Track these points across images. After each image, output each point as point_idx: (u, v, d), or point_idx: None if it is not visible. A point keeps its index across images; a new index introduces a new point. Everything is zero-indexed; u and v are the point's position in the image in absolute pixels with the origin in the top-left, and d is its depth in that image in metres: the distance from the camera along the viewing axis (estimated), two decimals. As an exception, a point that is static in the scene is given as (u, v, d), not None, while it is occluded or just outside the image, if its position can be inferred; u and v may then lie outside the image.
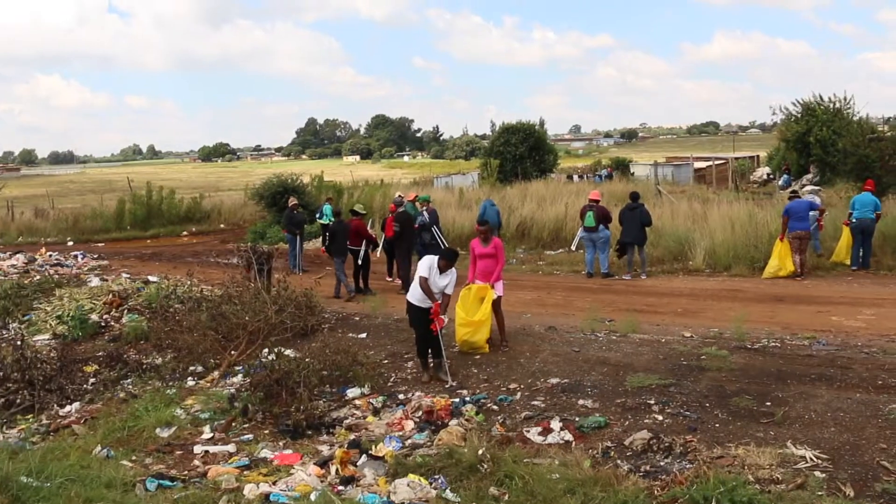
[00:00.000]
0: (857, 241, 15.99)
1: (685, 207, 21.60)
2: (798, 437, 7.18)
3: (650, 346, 10.39)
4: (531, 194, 27.76)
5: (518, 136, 43.44)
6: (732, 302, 13.58)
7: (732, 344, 10.35)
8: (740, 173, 47.46)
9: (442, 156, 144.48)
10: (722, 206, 20.50)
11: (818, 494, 5.99)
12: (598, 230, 16.56)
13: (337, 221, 17.07)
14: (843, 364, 9.26)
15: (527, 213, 23.18)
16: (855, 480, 6.26)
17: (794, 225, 15.47)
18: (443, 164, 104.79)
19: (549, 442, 7.56)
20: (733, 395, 8.38)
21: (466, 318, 10.46)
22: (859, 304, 12.98)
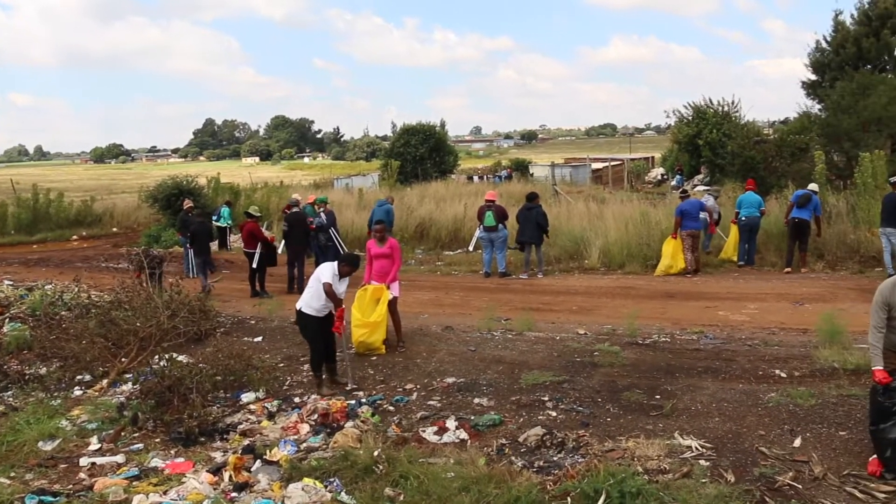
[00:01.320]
0: (744, 239, 16.64)
1: (581, 207, 22.01)
2: (685, 427, 7.41)
3: (545, 344, 10.55)
4: (431, 195, 27.87)
5: (418, 137, 43.54)
6: (626, 299, 13.91)
7: (625, 340, 10.61)
8: (636, 174, 48.66)
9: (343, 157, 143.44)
10: (617, 206, 21.01)
11: (702, 482, 6.17)
12: (497, 229, 16.71)
13: (199, 223, 16.88)
14: (727, 357, 9.62)
15: (426, 214, 23.25)
16: (736, 466, 6.50)
17: (688, 224, 15.98)
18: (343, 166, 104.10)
19: (445, 441, 7.57)
20: (625, 389, 8.59)
21: (363, 319, 10.41)
22: (744, 298, 13.47)
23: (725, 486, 6.08)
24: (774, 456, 6.69)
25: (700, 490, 6.00)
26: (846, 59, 41.19)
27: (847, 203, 18.00)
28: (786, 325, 11.48)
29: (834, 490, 6.06)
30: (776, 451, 6.80)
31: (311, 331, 9.46)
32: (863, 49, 41.02)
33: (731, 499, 5.85)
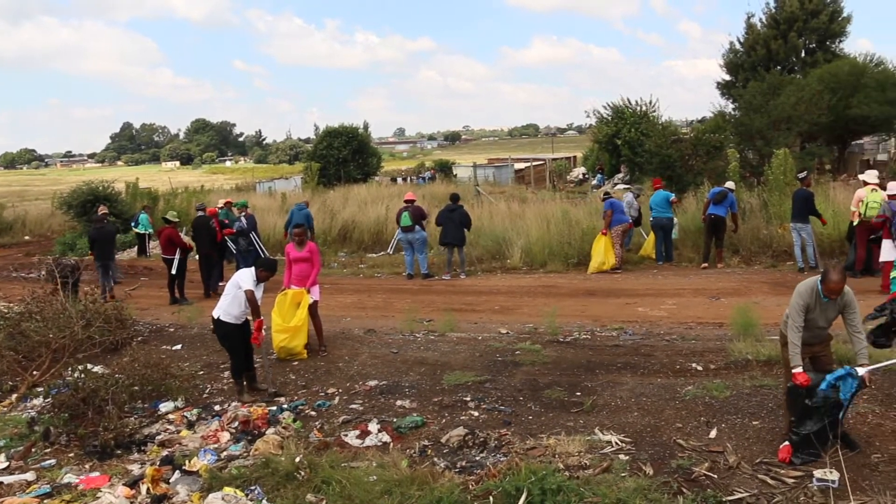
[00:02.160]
0: (659, 238, 16.98)
1: (504, 207, 22.18)
2: (605, 423, 7.52)
3: (467, 345, 10.59)
4: (354, 197, 27.74)
5: (341, 139, 43.30)
6: (547, 297, 14.05)
7: (546, 338, 10.72)
8: (558, 173, 49.24)
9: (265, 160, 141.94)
10: (538, 206, 21.23)
11: (622, 476, 6.28)
12: (414, 230, 16.72)
13: (97, 228, 16.55)
14: (646, 352, 9.79)
15: (349, 217, 23.12)
16: (654, 460, 6.63)
17: (620, 218, 16.28)
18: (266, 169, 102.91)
19: (367, 444, 7.53)
20: (546, 387, 8.67)
21: (283, 324, 10.29)
22: (663, 294, 13.74)
23: (644, 479, 6.19)
24: (691, 447, 6.85)
25: (619, 484, 6.09)
26: (757, 61, 42.50)
27: (760, 199, 18.51)
28: (702, 319, 11.74)
29: (747, 478, 6.23)
30: (693, 442, 6.96)
31: (231, 339, 9.24)
32: (772, 51, 42.40)
33: (649, 491, 5.95)
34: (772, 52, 42.64)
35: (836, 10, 43.55)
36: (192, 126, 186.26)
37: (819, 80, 34.01)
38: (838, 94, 33.60)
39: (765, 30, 43.79)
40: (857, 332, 6.55)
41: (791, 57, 43.32)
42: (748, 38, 44.39)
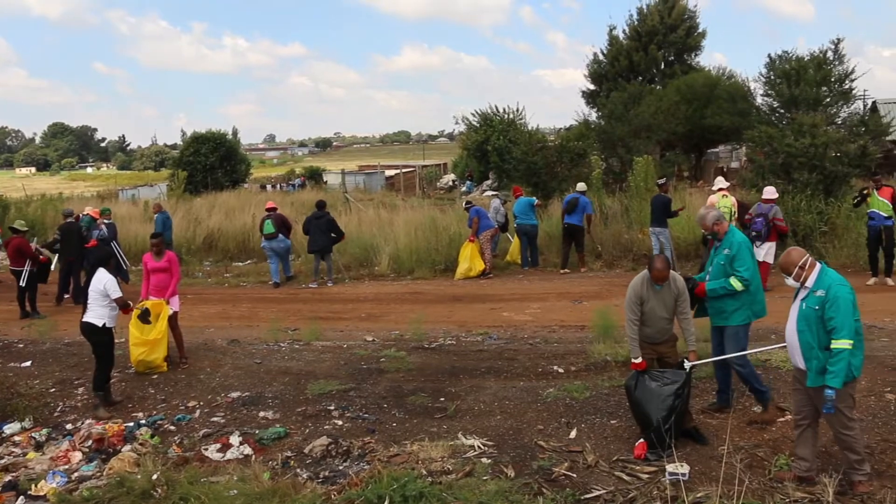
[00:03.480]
0: (524, 243, 17.31)
1: (372, 214, 22.14)
2: (468, 427, 7.60)
3: (332, 353, 10.49)
4: (221, 205, 27.09)
5: (209, 145, 42.30)
6: (414, 304, 14.09)
7: (411, 345, 10.75)
8: (428, 180, 49.53)
9: (129, 167, 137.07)
10: (407, 213, 21.26)
11: (484, 479, 6.36)
12: (277, 238, 16.55)
13: None
14: (509, 356, 9.96)
15: (214, 225, 22.54)
16: (516, 461, 6.75)
17: (486, 223, 16.48)
18: (130, 176, 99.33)
19: (229, 458, 7.35)
20: (410, 393, 8.69)
21: (141, 336, 9.89)
22: (528, 299, 14.01)
23: (506, 481, 6.28)
24: (552, 448, 7.00)
25: (481, 487, 6.16)
26: (620, 71, 43.99)
27: (621, 205, 19.14)
28: (565, 322, 12.03)
29: (605, 475, 6.42)
30: (553, 443, 7.12)
31: (106, 344, 9.00)
32: (634, 62, 43.98)
33: (510, 493, 6.04)
34: (634, 63, 44.23)
35: (693, 25, 45.63)
36: (49, 130, 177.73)
37: (676, 92, 35.60)
38: (694, 105, 35.21)
39: (627, 42, 45.39)
40: (686, 318, 7.06)
41: (652, 68, 45.05)
42: (611, 49, 45.90)
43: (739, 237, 7.47)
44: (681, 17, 45.05)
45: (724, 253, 7.35)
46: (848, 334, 5.66)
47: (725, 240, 7.44)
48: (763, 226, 13.51)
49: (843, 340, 5.66)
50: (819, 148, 16.97)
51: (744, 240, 7.47)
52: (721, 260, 7.32)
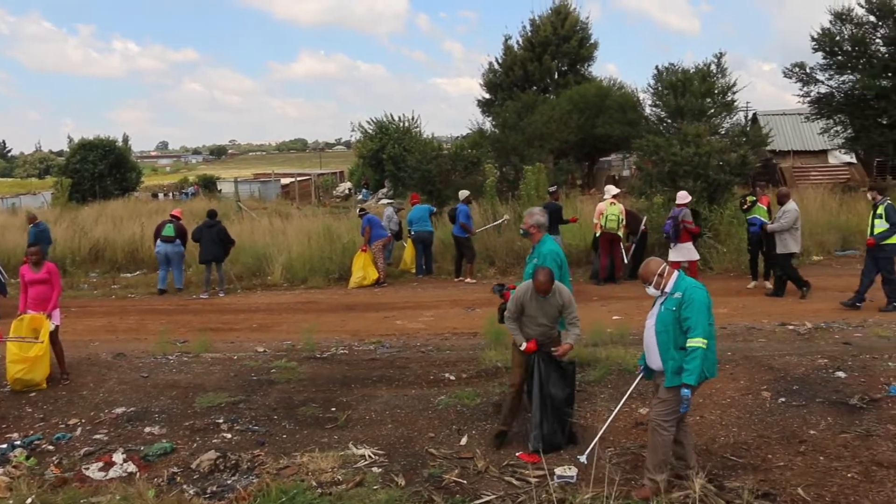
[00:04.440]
0: (419, 251, 17.38)
1: (266, 223, 21.84)
2: (359, 437, 7.58)
3: (222, 365, 10.28)
4: (109, 214, 26.30)
5: (97, 152, 41.04)
6: (307, 314, 13.96)
7: (303, 355, 10.63)
8: (324, 188, 49.21)
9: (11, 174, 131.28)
10: (301, 221, 21.09)
11: (374, 489, 6.37)
12: (174, 242, 16.38)
13: None
14: (401, 364, 9.96)
15: (101, 235, 21.79)
16: (407, 470, 6.77)
17: (379, 232, 16.46)
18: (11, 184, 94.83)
19: (112, 477, 7.11)
20: (301, 404, 8.60)
21: (20, 353, 9.43)
22: (421, 307, 14.06)
23: (396, 490, 6.30)
24: (442, 456, 7.05)
25: (372, 497, 6.16)
26: (515, 81, 44.60)
27: (515, 212, 19.37)
28: (458, 330, 12.11)
29: (494, 480, 6.52)
30: (444, 450, 7.17)
31: None
32: (528, 72, 44.67)
33: (400, 502, 6.08)
34: (528, 73, 44.90)
35: (585, 36, 46.65)
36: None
37: (569, 101, 36.29)
38: (586, 115, 35.95)
39: (521, 52, 46.03)
40: (573, 325, 7.20)
41: (545, 78, 45.81)
42: (506, 59, 46.48)
43: (549, 247, 7.68)
44: (573, 28, 45.99)
45: (534, 262, 7.54)
46: (702, 333, 5.86)
47: (537, 248, 7.68)
48: (672, 228, 14.27)
49: (698, 339, 5.85)
50: (703, 157, 17.57)
51: (552, 250, 7.67)
52: (531, 269, 7.46)
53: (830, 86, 27.95)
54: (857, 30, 26.62)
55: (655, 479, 6.03)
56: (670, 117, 30.91)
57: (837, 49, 26.79)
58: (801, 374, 8.72)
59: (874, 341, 10.06)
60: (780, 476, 6.31)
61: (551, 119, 30.14)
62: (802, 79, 28.02)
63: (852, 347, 9.77)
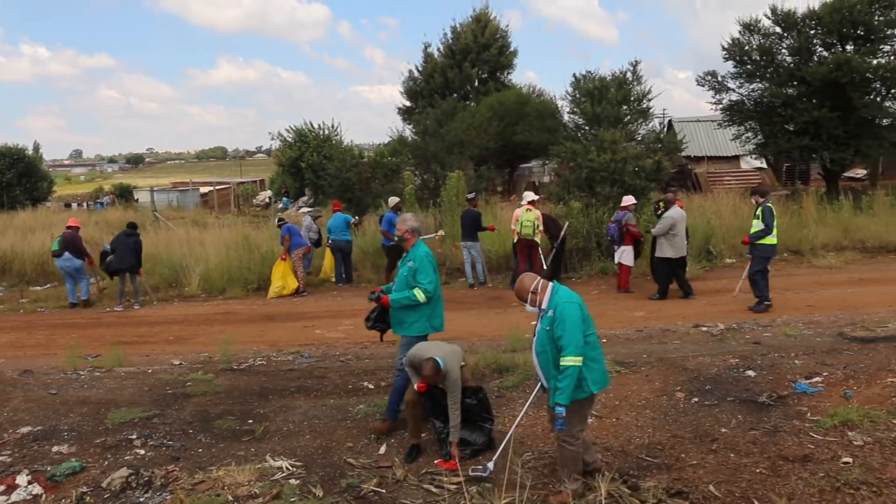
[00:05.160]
0: (338, 260, 17.27)
1: (182, 233, 21.42)
2: (277, 449, 7.45)
3: (136, 379, 10.02)
4: (17, 225, 25.46)
5: (5, 161, 39.85)
6: (225, 325, 13.73)
7: (220, 367, 10.45)
8: (244, 197, 48.64)
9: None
10: (219, 231, 20.75)
11: (291, 501, 6.27)
12: (62, 256, 15.90)
13: None
14: (320, 374, 9.86)
15: (8, 247, 21.08)
16: (325, 481, 6.68)
17: (298, 241, 16.29)
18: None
19: (15, 500, 6.85)
20: (217, 417, 8.42)
21: (-82, 371, 9.08)
22: (341, 315, 13.95)
23: (314, 501, 6.23)
24: (361, 465, 6.99)
25: (289, 509, 6.06)
26: (435, 88, 44.83)
27: (435, 220, 19.42)
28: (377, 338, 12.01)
29: (413, 489, 6.47)
30: (363, 460, 7.11)
31: None
32: (449, 79, 44.96)
33: (318, 513, 5.98)
34: (448, 80, 45.18)
35: (505, 44, 47.21)
36: None
37: (489, 108, 36.61)
38: (505, 121, 36.33)
39: (442, 59, 46.32)
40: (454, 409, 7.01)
41: (466, 86, 46.19)
42: (427, 66, 46.70)
43: (423, 251, 7.68)
44: (493, 36, 46.48)
45: (408, 265, 7.59)
46: (575, 351, 5.75)
47: (411, 252, 7.68)
48: (616, 231, 14.62)
49: (570, 357, 5.74)
50: (619, 163, 17.90)
51: (426, 253, 7.68)
52: (405, 272, 7.55)
53: (741, 93, 28.76)
54: (764, 40, 27.45)
55: (571, 489, 6.08)
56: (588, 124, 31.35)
57: (747, 58, 27.58)
58: (713, 374, 8.94)
59: (782, 340, 10.37)
60: (692, 474, 6.42)
61: (471, 126, 30.33)
62: (714, 87, 28.74)
63: (761, 347, 10.05)
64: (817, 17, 26.21)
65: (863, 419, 7.22)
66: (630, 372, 9.22)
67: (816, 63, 26.05)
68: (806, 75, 25.36)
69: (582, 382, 5.88)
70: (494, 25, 46.88)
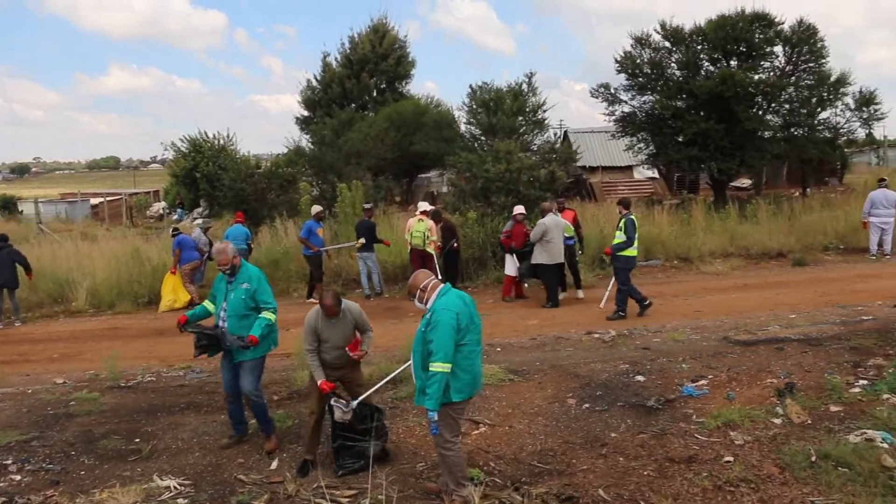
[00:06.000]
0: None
1: (70, 246, 20.67)
2: (165, 468, 7.27)
3: (14, 400, 9.60)
4: None
5: None
6: (114, 341, 13.28)
7: (107, 384, 10.13)
8: (137, 208, 47.36)
9: None
10: (108, 244, 20.12)
11: (178, 521, 6.10)
12: None
13: None
14: (211, 389, 9.67)
15: None
16: (214, 499, 6.56)
17: (189, 255, 15.90)
18: None
19: None
20: (102, 437, 8.15)
21: None
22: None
23: (201, 520, 6.07)
24: (252, 482, 6.88)
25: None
26: (333, 98, 44.66)
27: (331, 230, 19.27)
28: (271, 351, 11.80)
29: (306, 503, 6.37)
30: (254, 476, 7.01)
31: None
32: (347, 89, 44.85)
33: (206, 533, 5.85)
34: (347, 90, 45.04)
35: (403, 54, 47.40)
36: None
37: (386, 119, 36.65)
38: (403, 132, 36.40)
39: (340, 69, 46.15)
40: (368, 334, 7.32)
41: (364, 95, 46.14)
42: (325, 76, 46.47)
43: (255, 270, 7.65)
44: (392, 46, 46.60)
45: (242, 287, 7.43)
46: (443, 358, 5.80)
47: (243, 274, 7.52)
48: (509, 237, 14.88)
49: (438, 363, 5.81)
50: (514, 173, 18.12)
51: (259, 271, 7.65)
52: (241, 294, 7.40)
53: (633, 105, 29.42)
54: (654, 54, 28.20)
55: (461, 495, 6.10)
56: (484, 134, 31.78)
57: (638, 71, 28.27)
58: (604, 379, 9.13)
59: (671, 345, 10.68)
60: (583, 479, 6.54)
61: (368, 136, 30.33)
62: (608, 99, 29.34)
63: (651, 352, 10.33)
64: (703, 34, 27.07)
65: (744, 419, 7.52)
66: (523, 380, 9.35)
67: (703, 77, 26.90)
68: (694, 89, 26.16)
69: (446, 389, 5.93)
70: (392, 36, 47.01)
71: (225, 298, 7.48)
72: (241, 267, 7.53)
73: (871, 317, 12.02)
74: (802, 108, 27.02)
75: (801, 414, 7.59)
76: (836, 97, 26.86)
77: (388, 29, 47.18)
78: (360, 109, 43.88)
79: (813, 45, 26.42)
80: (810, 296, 14.10)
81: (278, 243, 19.23)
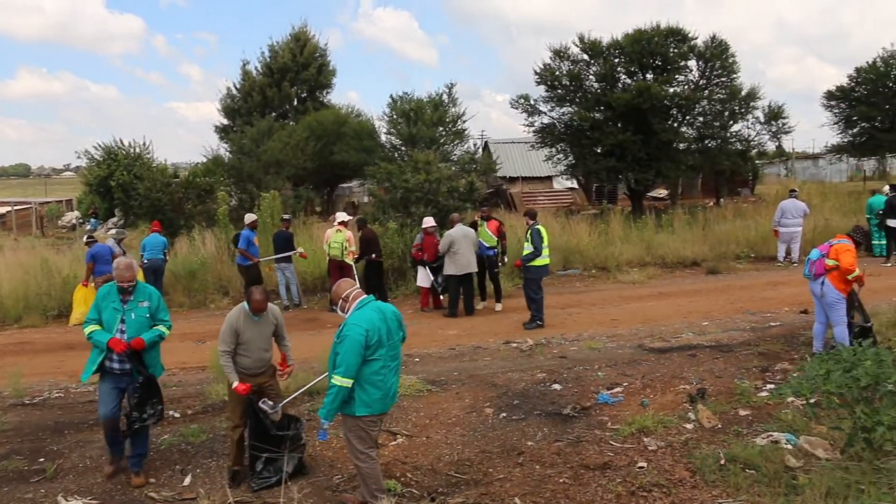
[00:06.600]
0: (150, 280, 16.50)
1: (-26, 259, 19.91)
2: (71, 488, 7.04)
3: None
4: None
5: None
6: (20, 356, 12.78)
7: (10, 402, 9.74)
8: (49, 218, 45.92)
9: None
10: (15, 254, 19.43)
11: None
12: None
13: None
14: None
15: None
16: (122, 517, 6.34)
17: (102, 269, 15.46)
18: None
19: None
20: (2, 458, 7.82)
21: None
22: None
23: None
24: (163, 499, 6.73)
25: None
26: (254, 106, 44.11)
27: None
28: (187, 364, 11.62)
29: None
30: (165, 493, 6.84)
31: None
32: (268, 98, 44.38)
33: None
34: (267, 98, 44.55)
35: (324, 63, 47.12)
36: None
37: (306, 128, 36.36)
38: (323, 141, 36.16)
39: (260, 77, 45.64)
40: (286, 343, 7.33)
41: (285, 104, 45.70)
42: (245, 84, 45.87)
43: (152, 288, 7.38)
44: (312, 55, 46.26)
45: (143, 306, 7.08)
46: (344, 372, 5.81)
47: (140, 292, 7.14)
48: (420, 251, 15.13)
49: (338, 377, 5.83)
50: (433, 184, 18.17)
51: (154, 290, 7.35)
52: (144, 313, 7.04)
53: (552, 117, 29.85)
54: (573, 66, 28.68)
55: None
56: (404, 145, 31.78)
57: (557, 83, 28.69)
58: (521, 389, 9.21)
59: (587, 354, 10.82)
60: (500, 488, 6.56)
61: (288, 145, 30.03)
62: (527, 110, 29.65)
63: (568, 361, 10.45)
64: (620, 47, 27.67)
65: (657, 425, 7.66)
66: (441, 390, 9.35)
67: (620, 90, 27.46)
68: (611, 101, 26.68)
69: (351, 402, 5.93)
70: (313, 44, 46.69)
71: (122, 319, 6.97)
72: (141, 286, 7.18)
73: (778, 323, 12.41)
74: (715, 121, 27.84)
75: (712, 418, 7.78)
76: (747, 111, 27.81)
77: (309, 37, 46.86)
78: (281, 118, 43.42)
79: (725, 60, 27.29)
80: (722, 303, 14.46)
81: (195, 253, 18.86)
